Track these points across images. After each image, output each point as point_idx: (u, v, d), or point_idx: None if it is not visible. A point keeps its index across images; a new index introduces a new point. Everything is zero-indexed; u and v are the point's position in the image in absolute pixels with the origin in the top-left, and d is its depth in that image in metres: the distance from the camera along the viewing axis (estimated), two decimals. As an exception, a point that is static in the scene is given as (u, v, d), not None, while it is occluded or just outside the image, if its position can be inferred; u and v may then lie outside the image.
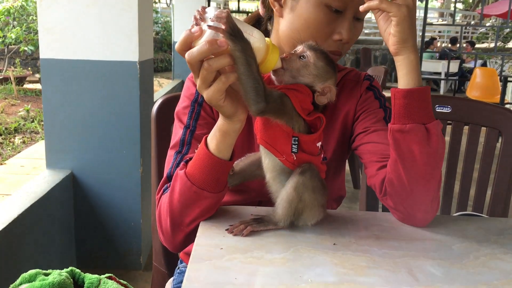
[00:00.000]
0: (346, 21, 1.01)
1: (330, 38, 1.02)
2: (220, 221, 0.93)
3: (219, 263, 0.77)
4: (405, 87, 0.89)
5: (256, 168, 0.94)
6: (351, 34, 1.01)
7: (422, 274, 0.76)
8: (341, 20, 1.01)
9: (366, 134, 1.05)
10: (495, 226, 0.98)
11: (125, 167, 2.37)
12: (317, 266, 0.77)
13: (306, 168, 0.86)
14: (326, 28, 1.01)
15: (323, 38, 1.01)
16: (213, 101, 0.82)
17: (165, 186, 1.01)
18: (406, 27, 0.87)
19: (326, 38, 1.02)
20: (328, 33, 1.02)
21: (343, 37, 1.01)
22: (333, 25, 1.01)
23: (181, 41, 0.79)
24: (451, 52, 9.53)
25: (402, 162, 0.89)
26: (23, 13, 7.15)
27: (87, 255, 2.45)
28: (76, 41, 2.23)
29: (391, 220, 0.98)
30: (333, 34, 1.02)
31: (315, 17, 1.00)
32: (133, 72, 2.28)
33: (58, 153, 2.33)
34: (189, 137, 1.05)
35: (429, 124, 0.88)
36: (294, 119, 0.86)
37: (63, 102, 2.29)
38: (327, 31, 1.01)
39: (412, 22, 0.88)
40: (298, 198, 0.85)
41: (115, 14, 2.22)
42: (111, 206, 2.41)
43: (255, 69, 0.78)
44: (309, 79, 0.87)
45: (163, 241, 1.01)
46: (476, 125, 1.47)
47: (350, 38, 1.02)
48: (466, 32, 15.94)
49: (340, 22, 1.01)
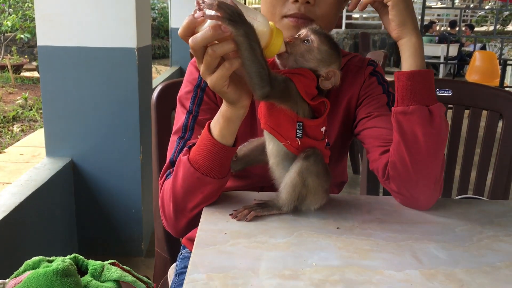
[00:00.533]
0: None
1: (288, 2, 1.01)
2: (224, 206, 0.93)
3: (224, 248, 0.77)
4: (408, 69, 0.89)
5: (260, 153, 0.94)
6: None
7: (426, 257, 0.76)
8: None
9: (369, 119, 1.05)
10: (497, 208, 0.98)
11: (125, 154, 2.37)
12: (321, 250, 0.77)
13: (310, 153, 0.86)
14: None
15: (281, 3, 1.01)
16: (217, 87, 0.81)
17: (168, 172, 1.00)
18: (402, 9, 0.88)
19: (283, 1, 1.01)
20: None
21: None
22: None
23: (184, 27, 0.78)
24: (450, 35, 9.49)
25: (405, 144, 0.89)
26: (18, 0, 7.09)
27: (88, 243, 2.46)
28: (74, 28, 2.21)
29: (393, 203, 0.98)
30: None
31: None
32: (131, 58, 2.27)
33: (58, 141, 2.33)
34: (191, 122, 1.05)
35: (432, 106, 0.88)
36: (298, 104, 0.85)
37: (61, 90, 2.28)
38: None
39: (408, 4, 0.89)
40: (302, 183, 0.85)
41: (112, 0, 2.19)
42: (111, 193, 2.41)
43: (259, 54, 0.77)
44: (313, 64, 0.87)
45: (166, 226, 1.01)
46: (477, 108, 1.46)
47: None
48: (465, 15, 15.84)
49: None
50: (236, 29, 0.75)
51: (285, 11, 1.01)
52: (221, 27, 0.75)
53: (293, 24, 1.00)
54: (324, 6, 1.01)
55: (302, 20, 1.00)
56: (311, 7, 1.00)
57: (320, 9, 1.01)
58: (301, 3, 0.99)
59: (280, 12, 1.01)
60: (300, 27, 0.99)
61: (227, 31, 0.75)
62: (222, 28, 0.75)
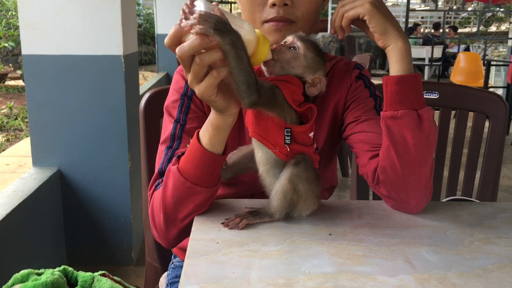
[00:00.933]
0: None
1: (266, 7, 1.01)
2: (215, 215, 0.92)
3: (216, 257, 0.77)
4: (396, 73, 0.90)
5: (249, 161, 0.94)
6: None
7: (418, 261, 0.76)
8: None
9: (357, 124, 1.05)
10: (487, 210, 0.99)
11: (113, 162, 2.35)
12: (314, 257, 0.77)
13: (300, 159, 0.86)
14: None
15: (260, 8, 1.01)
16: (205, 96, 0.81)
17: (157, 182, 1.00)
18: (379, 18, 0.90)
19: (262, 7, 1.01)
20: (262, 3, 1.01)
21: (274, 0, 0.99)
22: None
23: (171, 36, 0.78)
24: (434, 37, 9.59)
25: (395, 148, 0.90)
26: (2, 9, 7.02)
27: (77, 252, 2.43)
28: (59, 36, 2.19)
29: (384, 208, 0.99)
30: (267, 1, 1.00)
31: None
32: (118, 66, 2.25)
33: (44, 151, 2.30)
34: (179, 131, 1.04)
35: (420, 110, 0.88)
36: (285, 110, 0.85)
37: (47, 99, 2.25)
38: (260, 1, 1.01)
39: (384, 12, 0.90)
40: (293, 189, 0.85)
41: (97, 7, 2.18)
42: (100, 202, 2.39)
43: (246, 62, 0.77)
44: (299, 70, 0.87)
45: (157, 238, 1.00)
46: (463, 110, 1.48)
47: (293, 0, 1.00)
48: (448, 17, 16.03)
49: None
50: (223, 38, 0.74)
51: (265, 16, 1.01)
52: (208, 36, 0.74)
53: (275, 28, 1.01)
54: (303, 6, 1.01)
55: (283, 22, 1.01)
56: (290, 8, 1.00)
57: (299, 10, 1.01)
58: (279, 6, 0.99)
59: (260, 18, 1.02)
60: (281, 30, 1.00)
61: (214, 40, 0.74)
62: (209, 37, 0.74)
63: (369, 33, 0.94)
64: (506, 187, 3.80)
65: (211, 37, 0.74)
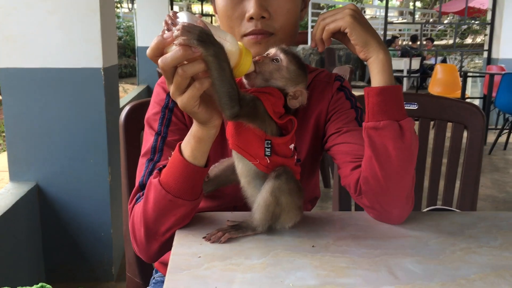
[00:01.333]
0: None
1: (244, 21, 1.02)
2: (197, 229, 0.91)
3: (198, 271, 0.75)
4: (378, 85, 0.90)
5: (231, 173, 0.93)
6: (260, 7, 0.99)
7: (401, 272, 0.76)
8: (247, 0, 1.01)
9: (339, 135, 1.05)
10: (468, 219, 1.00)
11: (93, 176, 2.32)
12: (297, 269, 0.76)
13: (281, 171, 0.85)
14: (235, 13, 1.01)
15: (238, 24, 1.02)
16: (187, 107, 0.80)
17: (138, 195, 0.98)
18: (360, 31, 0.91)
19: (240, 21, 1.02)
20: (240, 17, 1.02)
21: (251, 13, 0.99)
22: (240, 8, 1.01)
23: (153, 47, 0.77)
24: (412, 49, 9.75)
25: (377, 159, 0.90)
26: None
27: (56, 269, 2.38)
28: (38, 49, 2.17)
29: (367, 219, 0.99)
30: (245, 15, 1.01)
31: (222, 7, 1.03)
32: (98, 79, 2.23)
33: (22, 165, 2.26)
34: (160, 143, 1.03)
35: (402, 121, 0.89)
36: (266, 122, 0.85)
37: (25, 112, 2.22)
38: (238, 15, 1.01)
39: (364, 25, 0.91)
40: (275, 202, 0.85)
41: (77, 20, 2.16)
42: (79, 217, 2.35)
43: (229, 74, 0.77)
44: (281, 82, 0.87)
45: (138, 252, 0.98)
46: (442, 120, 1.50)
47: (271, 12, 1.00)
48: (425, 29, 16.35)
49: (246, 2, 1.01)
50: (206, 49, 0.74)
51: (243, 30, 1.01)
52: (191, 48, 0.74)
53: (254, 41, 1.01)
54: (281, 18, 1.02)
55: (262, 35, 1.01)
56: (268, 21, 1.01)
57: (277, 22, 1.02)
58: (256, 20, 1.00)
59: (238, 32, 1.02)
60: (261, 43, 1.00)
61: (197, 51, 0.74)
62: (192, 48, 0.74)
63: (350, 45, 0.94)
64: (485, 196, 3.85)
65: (194, 48, 0.74)
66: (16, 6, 2.13)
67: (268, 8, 1.00)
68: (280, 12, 1.01)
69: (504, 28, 6.45)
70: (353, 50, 0.94)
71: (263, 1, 0.99)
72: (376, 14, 21.50)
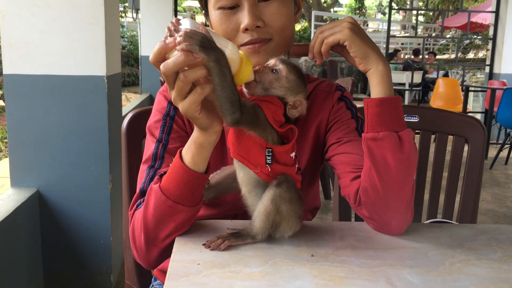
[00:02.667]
0: (244, 10, 1.01)
1: (239, 32, 1.02)
2: (196, 236, 0.91)
3: (197, 279, 0.76)
4: (377, 96, 0.91)
5: (232, 181, 0.94)
6: (253, 18, 1.00)
7: (400, 283, 0.76)
8: (240, 11, 1.01)
9: (339, 145, 1.06)
10: (467, 232, 1.00)
11: (94, 184, 2.32)
12: (296, 278, 0.76)
13: (282, 180, 0.86)
14: (229, 26, 1.02)
15: (234, 35, 1.03)
16: (188, 113, 0.81)
17: (138, 202, 0.98)
18: (359, 43, 0.91)
19: (236, 34, 1.02)
20: (235, 29, 1.02)
21: (245, 25, 1.00)
22: (234, 20, 1.02)
23: (155, 52, 0.78)
24: (414, 63, 9.78)
25: (376, 169, 0.90)
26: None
27: (55, 276, 2.37)
28: (41, 55, 2.18)
29: (366, 229, 0.99)
30: (240, 26, 1.02)
31: (217, 21, 1.04)
32: (101, 86, 2.24)
33: (23, 171, 2.26)
34: (161, 151, 1.03)
35: (401, 132, 0.89)
36: (267, 130, 0.85)
37: (28, 119, 2.22)
38: (233, 28, 1.02)
39: (363, 37, 0.92)
40: (276, 210, 0.85)
41: (81, 28, 2.18)
42: (79, 224, 2.34)
43: (230, 80, 0.77)
44: (281, 92, 0.88)
45: (137, 258, 0.98)
46: (443, 133, 1.50)
47: (265, 20, 1.01)
48: (427, 43, 16.42)
49: (240, 13, 1.02)
50: (208, 55, 0.75)
51: (240, 41, 1.02)
52: (193, 53, 0.75)
53: (252, 51, 1.02)
54: (276, 24, 1.03)
55: (259, 44, 1.02)
56: (263, 29, 1.02)
57: (272, 28, 1.03)
58: (251, 30, 1.01)
59: (235, 42, 1.02)
60: (260, 51, 1.01)
61: (198, 57, 0.75)
62: (194, 54, 0.75)
63: (349, 57, 0.95)
64: (485, 211, 3.84)
65: (196, 54, 0.75)
66: (20, 13, 2.15)
67: (261, 17, 1.01)
68: (274, 18, 1.02)
69: (506, 43, 6.48)
70: (353, 62, 0.95)
71: (256, 11, 1.00)
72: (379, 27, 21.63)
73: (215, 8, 1.03)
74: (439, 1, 19.07)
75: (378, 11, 30.27)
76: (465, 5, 17.95)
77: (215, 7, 1.03)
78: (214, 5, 1.03)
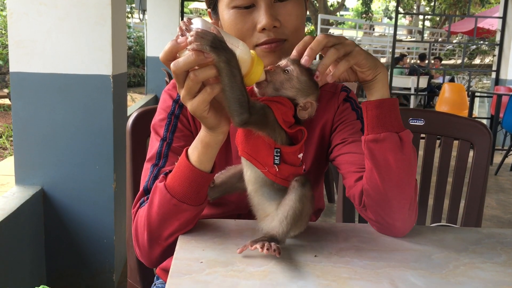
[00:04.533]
0: (261, 9, 1.00)
1: (255, 32, 1.01)
2: (200, 235, 0.91)
3: (200, 277, 0.75)
4: (376, 98, 0.90)
5: (237, 180, 0.93)
6: (271, 17, 0.99)
7: (403, 285, 0.76)
8: (256, 10, 1.01)
9: (344, 145, 1.06)
10: (472, 235, 0.99)
11: (98, 183, 2.32)
12: (299, 278, 0.76)
13: (304, 180, 0.86)
14: (245, 25, 1.01)
15: (249, 35, 1.01)
16: (197, 112, 0.81)
17: (142, 200, 0.98)
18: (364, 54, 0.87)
19: (251, 33, 1.01)
20: (251, 29, 1.01)
21: (263, 24, 0.99)
22: (250, 20, 1.01)
23: (166, 51, 0.78)
24: (420, 68, 9.76)
25: (378, 171, 0.90)
26: (-9, 27, 7.01)
27: (58, 274, 2.37)
28: (48, 54, 2.19)
29: (370, 231, 0.98)
30: (256, 26, 1.01)
31: (231, 21, 1.02)
32: (107, 86, 2.25)
33: (28, 169, 2.27)
34: (165, 149, 1.03)
35: (401, 133, 0.89)
36: (276, 131, 0.85)
37: (33, 117, 2.23)
38: (248, 27, 1.01)
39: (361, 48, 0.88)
40: (301, 210, 0.84)
41: (88, 28, 2.19)
42: (83, 223, 2.35)
43: (239, 81, 0.77)
44: (292, 93, 0.87)
45: (140, 256, 0.98)
46: (448, 137, 1.49)
47: (281, 20, 1.00)
48: (434, 49, 16.39)
49: (256, 13, 1.01)
50: (218, 55, 0.75)
51: (256, 41, 1.01)
52: (204, 53, 0.75)
53: (268, 50, 1.01)
54: (291, 23, 1.02)
55: (275, 43, 1.01)
56: (279, 29, 1.01)
57: (288, 28, 1.02)
58: (269, 30, 1.00)
59: (250, 42, 1.02)
60: (275, 51, 1.01)
61: (209, 56, 0.75)
62: (205, 54, 0.75)
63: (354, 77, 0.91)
64: (490, 217, 3.82)
65: (207, 54, 0.75)
66: (27, 12, 2.16)
67: (278, 17, 1.00)
68: (290, 18, 1.02)
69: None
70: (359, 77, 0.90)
71: (273, 11, 1.00)
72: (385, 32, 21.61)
73: (229, 7, 1.02)
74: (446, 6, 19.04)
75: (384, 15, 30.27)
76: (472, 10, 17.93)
77: (229, 6, 1.02)
78: (228, 5, 1.02)
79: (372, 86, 0.91)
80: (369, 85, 0.91)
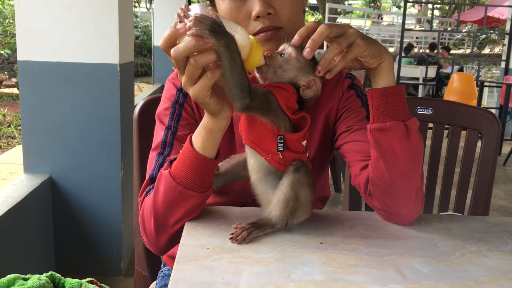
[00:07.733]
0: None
1: (251, 21, 1.01)
2: (206, 222, 0.91)
3: (206, 263, 0.76)
4: (382, 86, 0.89)
5: (241, 169, 0.93)
6: (265, 4, 0.98)
7: (409, 272, 0.76)
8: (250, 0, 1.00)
9: (349, 133, 1.05)
10: (479, 224, 0.99)
11: (105, 171, 2.34)
12: (304, 265, 0.76)
13: (300, 165, 0.85)
14: (240, 14, 1.00)
15: (245, 24, 1.01)
16: (199, 98, 0.81)
17: (148, 188, 0.99)
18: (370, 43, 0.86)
19: (247, 22, 1.01)
20: (246, 18, 1.00)
21: (257, 11, 0.98)
22: (245, 8, 1.00)
23: (166, 38, 0.78)
24: (429, 57, 9.68)
25: (384, 160, 0.89)
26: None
27: (66, 261, 2.40)
28: (55, 43, 2.20)
29: (376, 219, 0.98)
30: (251, 15, 1.00)
31: (226, 10, 1.02)
32: (114, 74, 2.26)
33: (36, 157, 2.29)
34: (170, 138, 1.04)
35: (407, 121, 0.88)
36: (279, 117, 0.85)
37: (41, 105, 2.25)
38: (244, 16, 1.00)
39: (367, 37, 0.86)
40: (295, 196, 0.84)
41: (95, 16, 2.19)
42: (90, 211, 2.37)
43: (240, 65, 0.77)
44: (292, 73, 0.86)
45: (147, 244, 0.99)
46: (456, 126, 1.48)
47: (276, 7, 0.99)
48: (443, 38, 16.23)
49: (250, 1, 1.00)
50: (218, 40, 0.75)
51: (252, 30, 1.01)
52: (203, 38, 0.74)
53: (264, 39, 1.00)
54: (286, 11, 1.01)
55: (271, 31, 1.01)
56: (274, 16, 1.00)
57: (283, 15, 1.01)
58: (263, 17, 0.99)
59: (247, 32, 1.01)
60: (272, 39, 1.00)
61: (209, 42, 0.75)
62: (204, 39, 0.74)
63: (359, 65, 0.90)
64: (497, 207, 3.81)
65: (206, 38, 0.74)
66: (35, 0, 2.16)
67: (272, 4, 0.99)
68: (284, 5, 1.01)
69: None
70: (364, 65, 0.90)
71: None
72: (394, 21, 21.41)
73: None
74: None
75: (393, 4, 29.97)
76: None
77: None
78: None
79: (377, 74, 0.90)
80: (374, 73, 0.90)
